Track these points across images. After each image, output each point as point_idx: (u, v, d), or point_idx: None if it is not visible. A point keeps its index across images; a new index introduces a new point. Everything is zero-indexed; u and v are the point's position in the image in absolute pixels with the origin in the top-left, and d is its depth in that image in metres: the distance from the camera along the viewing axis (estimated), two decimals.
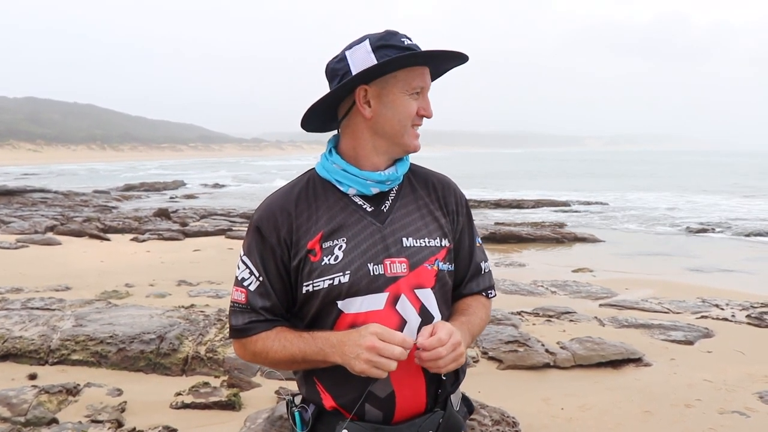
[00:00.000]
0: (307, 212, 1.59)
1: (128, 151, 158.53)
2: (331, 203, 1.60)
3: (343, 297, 1.53)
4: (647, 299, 7.86)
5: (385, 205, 1.62)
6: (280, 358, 1.56)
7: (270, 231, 1.58)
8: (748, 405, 4.38)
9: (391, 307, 1.54)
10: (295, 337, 1.55)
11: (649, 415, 4.22)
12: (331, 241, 1.55)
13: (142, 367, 4.81)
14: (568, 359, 5.20)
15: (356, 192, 1.61)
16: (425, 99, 1.61)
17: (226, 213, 19.26)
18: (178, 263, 9.89)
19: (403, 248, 1.57)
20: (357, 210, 1.60)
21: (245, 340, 1.60)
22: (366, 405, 1.53)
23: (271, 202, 1.62)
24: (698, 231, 15.79)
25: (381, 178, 1.60)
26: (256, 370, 4.77)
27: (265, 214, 1.60)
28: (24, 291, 7.37)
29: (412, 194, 1.67)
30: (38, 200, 23.14)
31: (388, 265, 1.55)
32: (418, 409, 1.57)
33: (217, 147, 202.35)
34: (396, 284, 1.55)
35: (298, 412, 1.61)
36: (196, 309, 6.04)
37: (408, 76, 1.58)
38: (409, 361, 1.48)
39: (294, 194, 1.62)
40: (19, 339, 4.99)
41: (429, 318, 1.57)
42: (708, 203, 25.08)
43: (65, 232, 13.43)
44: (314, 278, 1.54)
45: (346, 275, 1.52)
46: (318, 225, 1.57)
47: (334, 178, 1.62)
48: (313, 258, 1.55)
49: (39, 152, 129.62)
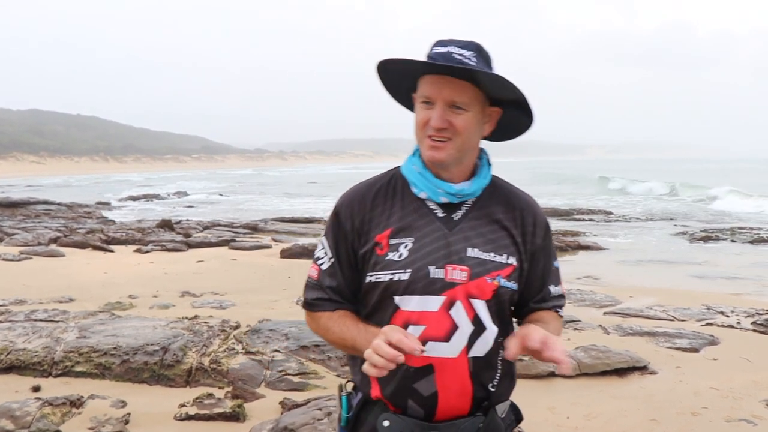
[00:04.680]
0: (381, 206, 1.66)
1: (132, 162, 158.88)
2: (406, 203, 1.66)
3: (401, 293, 1.59)
4: (652, 307, 7.83)
5: (457, 214, 1.65)
6: (335, 339, 1.66)
7: (346, 217, 1.67)
8: (755, 413, 4.35)
9: (445, 311, 1.58)
10: (353, 324, 1.64)
11: (655, 423, 4.19)
12: (398, 239, 1.62)
13: (146, 379, 4.80)
14: (573, 368, 5.18)
15: (428, 196, 1.65)
16: (437, 111, 1.58)
17: (230, 224, 19.26)
18: (182, 274, 9.89)
19: (467, 257, 1.60)
20: (428, 214, 1.64)
21: (312, 314, 1.72)
22: (409, 400, 1.59)
23: (353, 192, 1.72)
24: (702, 238, 15.74)
25: (451, 190, 1.63)
26: (260, 381, 4.76)
27: (345, 202, 1.70)
28: (27, 303, 7.37)
29: (488, 208, 1.68)
30: (41, 212, 23.18)
31: (449, 270, 1.59)
32: (460, 412, 1.60)
33: (220, 158, 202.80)
34: (453, 290, 1.58)
35: (345, 397, 1.70)
36: (200, 320, 6.02)
37: (422, 84, 1.61)
38: (455, 364, 1.57)
39: (375, 188, 1.70)
40: (23, 351, 4.98)
41: (482, 328, 1.60)
42: (711, 210, 25.02)
43: (68, 243, 13.44)
44: (377, 270, 1.61)
45: (406, 273, 1.58)
46: (389, 221, 1.64)
47: (410, 179, 1.68)
48: (379, 251, 1.62)
49: (42, 164, 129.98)
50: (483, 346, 1.61)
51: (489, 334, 1.61)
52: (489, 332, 1.61)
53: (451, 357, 1.57)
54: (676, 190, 36.76)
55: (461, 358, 1.57)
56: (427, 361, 1.56)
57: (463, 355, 1.58)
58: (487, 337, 1.61)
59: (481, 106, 1.62)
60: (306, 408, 4.02)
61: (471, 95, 1.58)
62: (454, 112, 1.57)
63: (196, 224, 18.85)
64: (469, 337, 1.58)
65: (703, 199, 30.03)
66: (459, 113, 1.58)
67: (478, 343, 1.60)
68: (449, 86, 1.56)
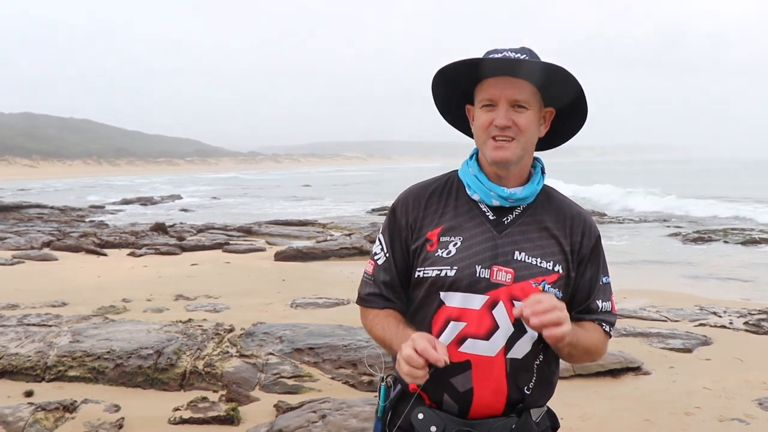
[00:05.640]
0: (436, 205, 1.74)
1: (125, 165, 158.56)
2: (459, 204, 1.73)
3: (446, 289, 1.64)
4: (645, 308, 7.86)
5: (507, 218, 1.70)
6: (378, 336, 1.74)
7: (402, 214, 1.75)
8: (748, 412, 4.37)
9: (487, 310, 1.62)
10: (394, 324, 1.71)
11: (649, 423, 4.21)
12: (448, 237, 1.68)
13: (140, 383, 4.78)
14: (567, 369, 5.19)
15: (480, 198, 1.70)
16: (500, 110, 1.63)
17: (223, 227, 19.22)
18: (176, 278, 9.86)
19: (513, 260, 1.64)
20: (479, 215, 1.70)
21: (364, 309, 1.81)
22: (445, 395, 1.63)
23: (411, 190, 1.79)
24: (695, 239, 15.81)
25: (504, 194, 1.68)
26: (255, 385, 4.75)
27: (402, 199, 1.78)
28: (20, 307, 7.34)
29: (539, 215, 1.72)
30: (34, 216, 23.07)
31: (495, 271, 1.63)
32: (494, 411, 1.64)
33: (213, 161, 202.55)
34: (497, 291, 1.62)
35: (384, 387, 1.74)
36: (194, 323, 6.01)
37: (482, 89, 1.67)
38: (492, 363, 1.61)
39: (431, 188, 1.78)
40: (15, 356, 4.96)
41: (522, 331, 1.62)
42: (704, 211, 25.12)
43: (62, 247, 13.40)
44: (426, 266, 1.67)
45: (453, 270, 1.63)
46: (442, 219, 1.71)
47: (465, 181, 1.74)
48: (429, 247, 1.68)
49: (35, 168, 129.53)
50: (521, 349, 1.64)
51: (528, 337, 1.63)
52: (528, 336, 1.63)
53: (489, 356, 1.61)
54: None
55: (499, 357, 1.61)
56: (466, 357, 1.61)
57: (501, 355, 1.61)
58: (526, 340, 1.63)
59: (539, 105, 1.68)
60: (300, 411, 4.02)
61: (530, 93, 1.64)
62: (517, 111, 1.63)
63: (190, 227, 18.80)
64: (509, 338, 1.62)
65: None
66: (521, 112, 1.63)
67: (517, 345, 1.63)
68: (511, 85, 1.62)
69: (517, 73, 1.62)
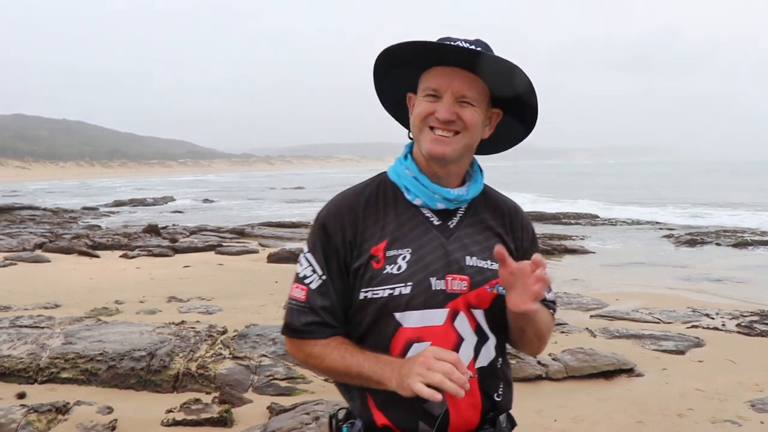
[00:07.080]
0: (374, 216, 1.56)
1: (118, 167, 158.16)
2: (399, 211, 1.57)
3: (402, 309, 1.49)
4: (638, 310, 7.89)
5: (452, 222, 1.58)
6: (335, 367, 1.52)
7: (336, 230, 1.54)
8: (740, 414, 4.39)
9: (450, 323, 1.51)
10: (356, 350, 1.51)
11: (641, 425, 4.22)
12: (395, 250, 1.52)
13: (133, 385, 4.77)
14: (560, 371, 5.20)
15: (423, 203, 1.57)
16: (444, 103, 1.51)
17: (216, 228, 19.19)
18: (168, 279, 9.84)
19: (467, 266, 1.54)
20: (424, 222, 1.56)
21: (300, 341, 1.56)
22: (420, 423, 1.50)
23: (341, 201, 1.59)
24: (687, 242, 15.87)
25: (450, 196, 1.56)
26: (248, 386, 4.74)
27: (332, 212, 1.57)
28: (12, 309, 7.30)
29: (480, 215, 1.63)
30: (26, 217, 22.98)
31: (449, 281, 1.52)
32: (469, 426, 1.54)
33: (206, 162, 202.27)
34: (455, 301, 1.52)
35: (346, 428, 1.58)
36: (187, 325, 5.99)
37: (427, 77, 1.54)
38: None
39: (365, 196, 1.59)
40: (8, 358, 4.93)
41: (485, 337, 1.56)
42: (697, 213, 25.23)
43: (54, 249, 13.34)
44: (374, 285, 1.50)
45: (407, 287, 1.49)
46: (384, 231, 1.54)
47: (403, 185, 1.58)
48: (375, 264, 1.51)
49: (27, 169, 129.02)
50: (487, 356, 1.57)
51: (490, 342, 1.57)
52: (490, 341, 1.57)
53: None
54: None
55: (470, 370, 1.50)
56: None
57: (471, 366, 1.52)
58: (489, 345, 1.57)
59: (486, 105, 1.56)
60: (294, 413, 4.01)
61: (479, 90, 1.52)
62: (462, 105, 1.51)
63: (183, 229, 18.76)
64: (474, 347, 1.53)
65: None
66: (466, 107, 1.51)
67: (482, 352, 1.56)
68: (460, 78, 1.50)
69: (469, 66, 1.49)
